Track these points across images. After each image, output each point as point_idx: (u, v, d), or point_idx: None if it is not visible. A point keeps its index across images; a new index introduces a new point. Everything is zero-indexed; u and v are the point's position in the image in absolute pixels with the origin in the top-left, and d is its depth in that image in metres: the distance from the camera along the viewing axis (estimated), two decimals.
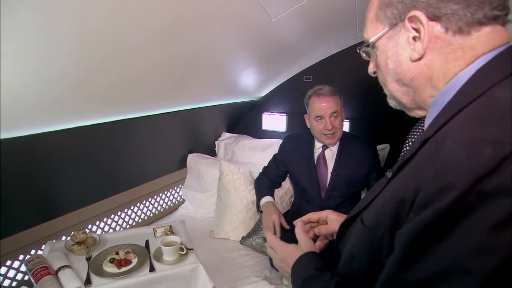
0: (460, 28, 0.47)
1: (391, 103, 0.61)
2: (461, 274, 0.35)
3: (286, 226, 1.54)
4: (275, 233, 1.49)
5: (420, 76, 0.52)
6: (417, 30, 0.49)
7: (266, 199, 1.68)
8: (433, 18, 0.48)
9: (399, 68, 0.54)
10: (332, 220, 0.83)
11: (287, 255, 0.75)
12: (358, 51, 0.62)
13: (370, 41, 0.56)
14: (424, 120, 0.57)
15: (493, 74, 0.45)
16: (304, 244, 0.75)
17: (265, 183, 1.78)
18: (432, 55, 0.49)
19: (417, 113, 0.58)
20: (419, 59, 0.50)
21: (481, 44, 0.47)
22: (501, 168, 0.34)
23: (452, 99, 0.48)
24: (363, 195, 1.71)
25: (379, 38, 0.55)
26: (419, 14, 0.48)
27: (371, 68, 0.62)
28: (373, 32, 0.56)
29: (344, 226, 0.66)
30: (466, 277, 0.34)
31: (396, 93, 0.58)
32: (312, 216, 0.88)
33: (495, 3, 0.46)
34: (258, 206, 1.75)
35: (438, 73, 0.50)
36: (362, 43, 0.60)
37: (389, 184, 0.53)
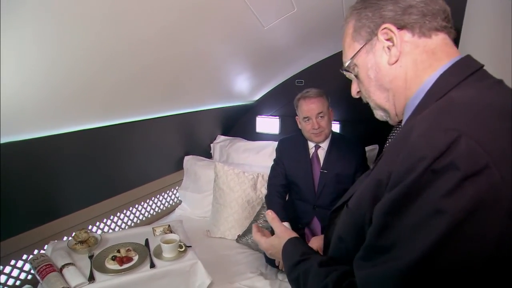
0: (423, 32, 0.58)
1: (377, 114, 0.70)
2: (422, 233, 0.43)
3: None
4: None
5: (397, 78, 0.61)
6: (389, 40, 0.60)
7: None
8: (400, 27, 0.59)
9: (379, 74, 0.63)
10: (319, 248, 0.87)
11: (270, 247, 0.82)
12: (342, 71, 0.71)
13: (350, 59, 0.66)
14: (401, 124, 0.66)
15: (451, 79, 0.55)
16: (281, 231, 0.81)
17: (277, 202, 1.73)
18: (405, 58, 0.59)
19: (396, 120, 0.68)
20: (396, 61, 0.60)
21: (439, 50, 0.58)
22: (450, 150, 0.43)
23: (421, 102, 0.57)
24: None
25: (359, 55, 0.65)
26: (390, 25, 0.59)
27: (354, 90, 0.72)
28: (351, 53, 0.66)
29: (333, 216, 0.72)
30: (426, 235, 0.42)
31: (379, 101, 0.66)
32: None
33: (443, 15, 0.58)
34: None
35: (411, 74, 0.60)
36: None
37: (371, 173, 0.61)
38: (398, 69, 0.60)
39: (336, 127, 2.42)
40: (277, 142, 1.92)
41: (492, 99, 0.49)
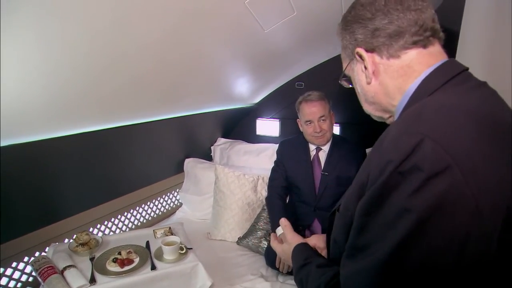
0: (391, 54, 0.61)
1: (373, 117, 0.74)
2: (391, 231, 0.46)
3: None
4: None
5: (378, 93, 0.65)
6: (364, 60, 0.64)
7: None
8: (370, 50, 0.62)
9: (363, 91, 0.68)
10: (321, 248, 0.88)
11: (282, 252, 0.90)
12: (340, 82, 0.76)
13: (343, 72, 0.73)
14: None
15: (430, 84, 0.58)
16: (290, 238, 0.87)
17: (278, 204, 1.73)
18: (381, 76, 0.63)
19: (392, 120, 0.71)
20: (371, 81, 0.64)
21: (415, 63, 0.60)
22: (414, 153, 0.45)
23: (404, 107, 0.61)
24: None
25: (347, 71, 0.71)
26: (360, 50, 0.63)
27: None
28: (344, 66, 0.72)
29: (331, 218, 0.74)
30: (395, 233, 0.46)
31: (370, 111, 0.71)
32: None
33: (413, 30, 0.59)
34: (273, 231, 1.68)
35: (392, 87, 0.63)
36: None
37: (356, 176, 0.64)
38: (376, 86, 0.64)
39: (336, 130, 2.43)
40: (277, 145, 1.93)
41: (463, 102, 0.52)
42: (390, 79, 0.62)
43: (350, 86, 0.74)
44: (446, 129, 0.47)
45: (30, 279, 1.43)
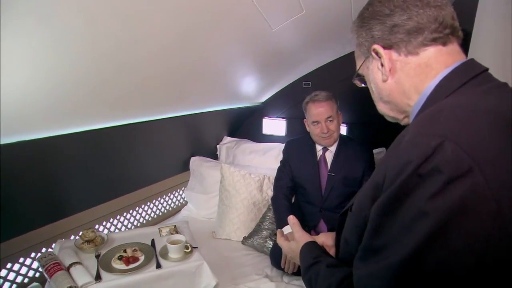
0: (409, 51, 0.59)
1: (387, 118, 0.73)
2: (408, 234, 0.45)
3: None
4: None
5: (394, 91, 0.64)
6: (381, 58, 0.62)
7: (288, 229, 1.52)
8: (388, 47, 0.61)
9: (378, 89, 0.66)
10: (330, 247, 0.87)
11: (289, 251, 0.88)
12: (353, 81, 0.74)
13: (357, 71, 0.71)
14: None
15: (449, 85, 0.56)
16: (299, 236, 0.86)
17: (284, 205, 1.72)
18: (397, 74, 0.62)
19: (406, 121, 0.69)
20: (387, 79, 0.63)
21: (433, 62, 0.59)
22: (434, 155, 0.44)
23: (421, 108, 0.59)
24: None
25: (362, 69, 0.69)
26: (377, 47, 0.62)
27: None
28: (358, 64, 0.70)
29: (341, 219, 0.73)
30: (412, 236, 0.45)
31: (384, 110, 0.70)
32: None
33: (432, 27, 0.58)
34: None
35: (408, 86, 0.62)
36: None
37: (371, 176, 0.63)
38: (392, 84, 0.63)
39: (343, 130, 2.41)
40: (283, 144, 1.91)
41: (484, 103, 0.50)
42: (407, 77, 0.61)
43: (363, 85, 0.73)
44: (467, 130, 0.46)
45: (37, 274, 1.44)
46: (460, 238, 0.42)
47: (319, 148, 1.75)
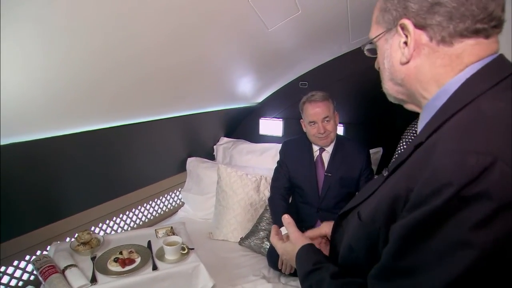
0: (443, 38, 0.51)
1: (389, 98, 0.65)
2: (447, 263, 0.40)
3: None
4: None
5: (410, 77, 0.56)
6: (407, 36, 0.54)
7: (285, 229, 1.62)
8: (420, 27, 0.52)
9: (392, 69, 0.58)
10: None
11: (284, 252, 0.81)
12: (362, 48, 0.66)
13: (371, 40, 0.62)
14: (416, 122, 0.61)
15: (480, 84, 0.49)
16: (294, 238, 0.79)
17: (281, 205, 1.72)
18: (420, 59, 0.54)
19: (412, 107, 0.63)
20: (407, 62, 0.55)
21: (466, 54, 0.51)
22: (482, 177, 0.39)
23: (443, 106, 0.52)
24: None
25: (378, 39, 0.60)
26: (407, 22, 0.52)
27: (376, 64, 0.65)
28: (374, 33, 0.61)
29: (340, 219, 0.70)
30: (452, 266, 0.40)
31: (391, 91, 0.62)
32: (314, 233, 0.92)
33: (479, 16, 0.49)
34: None
35: (428, 76, 0.54)
36: (367, 44, 0.66)
37: (385, 182, 0.57)
38: (411, 69, 0.55)
39: (340, 130, 2.41)
40: (280, 144, 1.91)
41: None
42: (430, 66, 0.53)
43: (374, 56, 0.64)
44: None
45: (32, 277, 1.42)
46: (504, 272, 0.38)
47: (316, 148, 1.75)
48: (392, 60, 0.57)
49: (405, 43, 0.54)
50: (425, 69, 0.54)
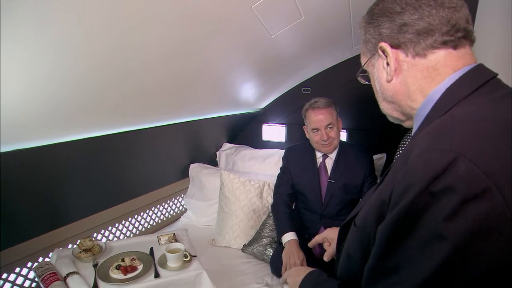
0: (417, 52, 0.57)
1: (389, 118, 0.71)
2: (424, 257, 0.42)
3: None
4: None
5: (398, 93, 0.62)
6: (387, 57, 0.60)
7: (289, 236, 1.60)
8: (395, 46, 0.59)
9: (382, 88, 0.65)
10: (333, 239, 0.86)
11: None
12: (356, 77, 0.74)
13: (362, 67, 0.69)
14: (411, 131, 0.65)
15: (458, 93, 0.54)
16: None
17: (284, 212, 1.71)
18: (403, 74, 0.60)
19: (409, 124, 0.67)
20: (392, 79, 0.61)
21: (441, 65, 0.56)
22: (447, 172, 0.42)
23: (428, 114, 0.57)
24: None
25: (367, 65, 0.67)
26: (385, 45, 0.60)
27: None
28: (363, 61, 0.69)
29: (343, 230, 0.72)
30: (429, 260, 0.42)
31: (386, 111, 0.68)
32: (318, 239, 1.01)
33: (443, 29, 0.55)
34: (279, 238, 1.68)
35: (414, 88, 0.59)
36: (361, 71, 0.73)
37: (377, 189, 0.60)
38: (397, 85, 0.61)
39: (343, 136, 2.40)
40: (283, 151, 1.90)
41: (497, 114, 0.47)
42: (413, 79, 0.59)
43: (367, 83, 0.71)
44: (481, 146, 0.43)
45: (33, 285, 1.41)
46: (481, 261, 0.40)
47: (319, 155, 1.74)
48: (380, 80, 0.64)
49: (387, 63, 0.61)
50: (409, 82, 0.59)
